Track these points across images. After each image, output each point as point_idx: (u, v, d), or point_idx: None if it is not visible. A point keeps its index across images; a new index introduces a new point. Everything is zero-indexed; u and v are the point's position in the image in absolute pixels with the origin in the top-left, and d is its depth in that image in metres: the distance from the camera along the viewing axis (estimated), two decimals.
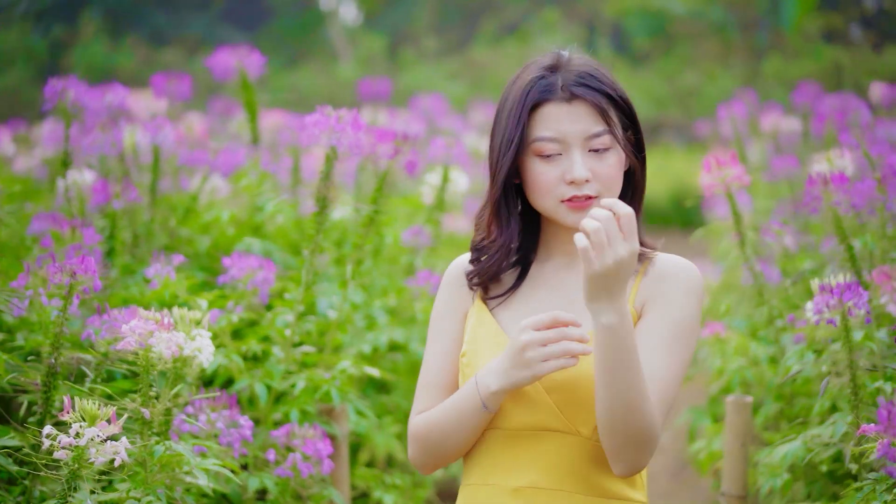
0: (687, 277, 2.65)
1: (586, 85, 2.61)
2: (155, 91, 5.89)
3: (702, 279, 2.68)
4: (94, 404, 2.79)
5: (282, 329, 3.97)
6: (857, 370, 3.34)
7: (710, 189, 4.31)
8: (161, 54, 17.80)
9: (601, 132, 2.61)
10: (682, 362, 2.60)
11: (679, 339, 2.60)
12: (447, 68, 17.64)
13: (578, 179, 2.60)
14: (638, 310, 2.64)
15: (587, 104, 2.61)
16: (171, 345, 3.10)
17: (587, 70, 2.64)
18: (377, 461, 4.51)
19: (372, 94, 7.72)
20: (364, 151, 3.91)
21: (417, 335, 4.69)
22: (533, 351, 2.46)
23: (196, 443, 3.30)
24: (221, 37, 18.74)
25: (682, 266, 2.67)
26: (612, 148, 2.62)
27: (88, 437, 2.74)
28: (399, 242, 5.22)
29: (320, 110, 3.85)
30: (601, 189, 2.62)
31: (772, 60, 16.44)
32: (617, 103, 2.65)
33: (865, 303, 3.29)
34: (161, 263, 3.84)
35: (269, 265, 3.98)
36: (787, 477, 3.89)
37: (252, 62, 5.31)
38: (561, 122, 2.61)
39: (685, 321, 2.61)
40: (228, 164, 5.09)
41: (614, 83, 2.66)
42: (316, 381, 3.85)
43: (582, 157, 2.60)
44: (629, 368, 2.44)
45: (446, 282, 2.81)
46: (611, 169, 2.63)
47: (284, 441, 3.63)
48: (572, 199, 2.62)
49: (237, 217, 4.97)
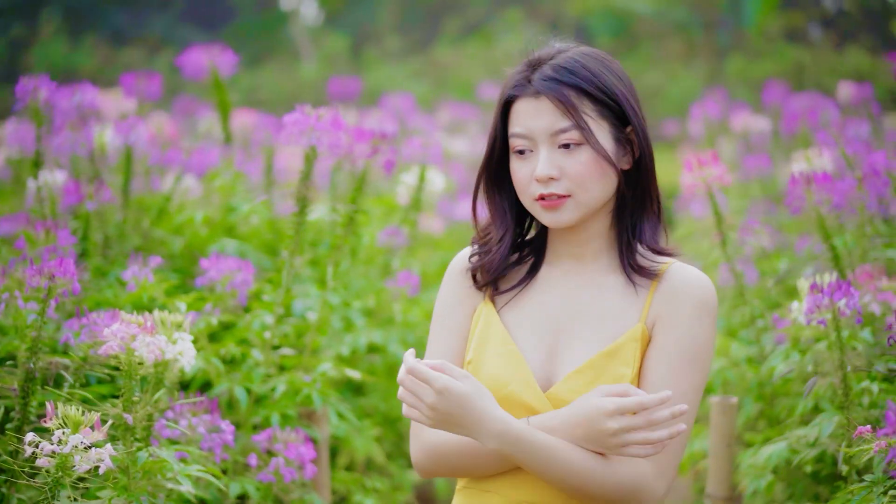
0: (701, 295, 2.56)
1: (555, 79, 2.54)
2: (124, 90, 5.80)
3: (715, 294, 2.59)
4: (78, 410, 2.73)
5: (260, 331, 3.92)
6: (846, 371, 3.31)
7: (692, 189, 4.29)
8: (121, 54, 17.63)
9: (567, 127, 2.53)
10: (696, 387, 2.52)
11: (692, 362, 2.52)
12: (410, 68, 17.58)
13: (540, 177, 2.55)
14: (649, 328, 2.56)
15: (552, 99, 2.54)
16: (153, 349, 3.04)
17: (564, 63, 2.57)
18: (356, 465, 4.45)
19: (341, 93, 7.67)
20: (344, 151, 3.86)
21: (396, 337, 4.64)
22: (618, 438, 2.41)
23: (177, 448, 3.23)
24: (182, 37, 18.61)
25: (697, 282, 2.58)
26: (586, 144, 2.54)
27: (73, 444, 2.68)
28: (375, 243, 5.17)
29: (300, 109, 3.80)
30: (572, 187, 2.55)
31: (734, 60, 16.48)
32: (594, 97, 2.56)
33: (857, 303, 3.27)
34: (138, 266, 3.77)
35: (247, 267, 3.92)
36: (771, 478, 3.87)
37: (224, 61, 5.24)
38: (529, 117, 2.56)
39: (698, 343, 2.54)
40: (202, 165, 5.02)
41: (596, 76, 2.57)
42: (296, 385, 3.79)
43: (549, 154, 2.54)
44: (549, 464, 2.41)
45: (453, 272, 2.73)
46: (581, 166, 2.54)
47: (266, 445, 3.58)
48: (542, 197, 2.57)
49: (211, 218, 4.90)
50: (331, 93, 7.57)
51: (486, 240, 2.69)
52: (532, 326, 2.63)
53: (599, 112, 2.57)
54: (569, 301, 2.63)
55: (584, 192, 2.56)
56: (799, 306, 3.54)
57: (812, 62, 15.95)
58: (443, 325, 2.70)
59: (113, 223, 4.74)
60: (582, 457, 2.44)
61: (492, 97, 9.96)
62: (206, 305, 3.92)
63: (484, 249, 2.69)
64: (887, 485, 2.72)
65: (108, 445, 2.72)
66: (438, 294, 2.76)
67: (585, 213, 2.59)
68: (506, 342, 2.60)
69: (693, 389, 2.51)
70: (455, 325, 2.69)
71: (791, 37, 18.11)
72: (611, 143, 2.58)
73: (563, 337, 2.60)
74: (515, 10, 18.63)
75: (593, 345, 2.56)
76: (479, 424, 2.42)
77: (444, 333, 2.69)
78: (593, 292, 2.63)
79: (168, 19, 19.68)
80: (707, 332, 2.54)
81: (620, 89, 2.60)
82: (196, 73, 5.29)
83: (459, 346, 2.67)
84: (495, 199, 2.70)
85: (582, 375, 2.53)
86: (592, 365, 2.54)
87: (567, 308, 2.63)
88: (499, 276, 2.68)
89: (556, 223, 2.59)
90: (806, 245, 5.45)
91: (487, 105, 10.00)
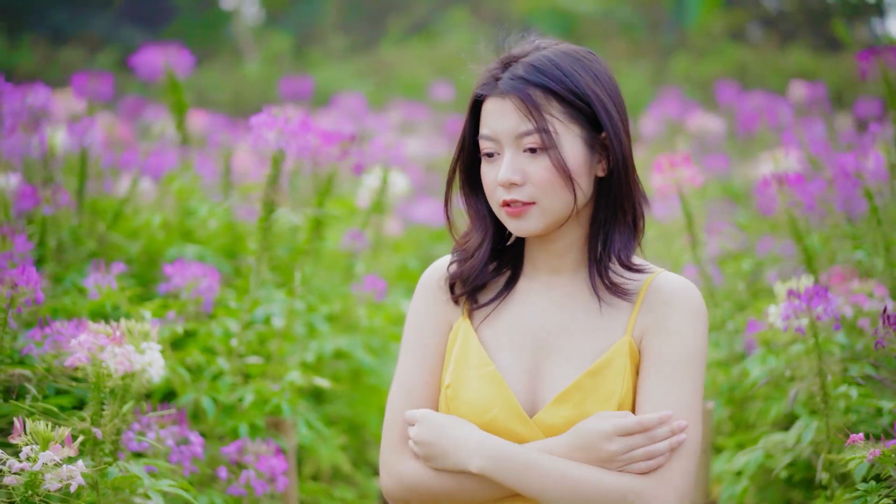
0: (689, 300, 2.46)
1: (523, 78, 2.42)
2: (74, 91, 5.66)
3: (703, 300, 2.50)
4: (47, 426, 2.62)
5: (225, 339, 3.82)
6: (826, 378, 3.27)
7: (663, 190, 4.24)
8: (61, 53, 17.35)
9: (530, 130, 2.41)
10: (696, 393, 2.43)
11: (689, 369, 2.43)
12: (355, 67, 17.45)
13: (502, 181, 2.43)
14: (637, 340, 2.46)
15: (516, 100, 2.42)
16: (122, 360, 2.93)
17: (535, 62, 2.44)
18: (322, 474, 4.36)
19: (293, 93, 7.55)
20: (313, 154, 3.77)
21: (361, 342, 4.54)
22: (619, 459, 2.35)
23: (146, 462, 3.12)
24: (123, 36, 18.35)
25: (685, 290, 2.47)
26: (551, 148, 2.40)
27: (43, 461, 2.56)
28: (335, 247, 5.07)
29: (267, 111, 3.70)
30: (536, 194, 2.43)
31: (679, 60, 16.52)
32: (563, 98, 2.42)
33: (834, 309, 3.23)
34: (100, 273, 3.65)
35: (212, 273, 3.81)
36: (746, 483, 3.82)
37: (180, 61, 5.12)
38: (494, 119, 2.45)
39: (693, 350, 2.44)
40: (159, 167, 4.89)
41: (567, 76, 2.43)
42: (265, 394, 3.70)
43: (513, 158, 2.43)
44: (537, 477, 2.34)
45: (427, 286, 2.61)
46: (545, 172, 2.41)
47: (236, 457, 3.48)
48: (506, 203, 2.45)
49: (168, 222, 4.77)
50: (283, 92, 7.44)
51: (466, 246, 2.59)
52: (512, 344, 2.51)
53: (569, 115, 2.43)
54: (549, 316, 2.51)
55: (548, 199, 2.43)
56: (776, 310, 3.50)
57: (755, 62, 16.04)
58: (416, 344, 2.57)
59: (68, 228, 4.60)
60: (573, 466, 2.36)
61: (444, 98, 9.89)
62: (167, 313, 3.81)
63: (463, 256, 2.58)
64: (882, 493, 2.67)
65: (79, 462, 2.61)
66: (410, 309, 2.64)
67: (553, 222, 2.46)
68: (484, 363, 2.48)
69: (693, 396, 2.42)
70: (430, 343, 2.57)
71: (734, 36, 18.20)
72: (581, 148, 2.44)
73: (545, 355, 2.48)
74: (460, 9, 18.57)
75: (578, 363, 2.45)
76: (459, 445, 2.37)
77: (418, 353, 2.56)
78: (575, 306, 2.51)
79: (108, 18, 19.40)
80: (700, 339, 2.45)
81: (595, 91, 2.45)
82: (151, 74, 5.16)
83: (436, 366, 2.55)
84: (472, 202, 2.59)
85: (570, 398, 2.42)
86: (578, 386, 2.43)
87: (548, 324, 2.50)
88: (478, 288, 2.57)
89: (521, 231, 2.47)
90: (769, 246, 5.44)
91: (439, 106, 9.92)
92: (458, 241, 2.61)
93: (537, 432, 2.42)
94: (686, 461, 2.38)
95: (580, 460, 2.36)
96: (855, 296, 3.84)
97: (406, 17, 19.31)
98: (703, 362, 2.46)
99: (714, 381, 4.36)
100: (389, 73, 16.99)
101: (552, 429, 2.41)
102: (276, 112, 3.67)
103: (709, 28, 17.88)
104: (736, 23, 18.66)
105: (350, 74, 16.80)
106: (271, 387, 3.72)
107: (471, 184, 2.59)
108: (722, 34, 17.95)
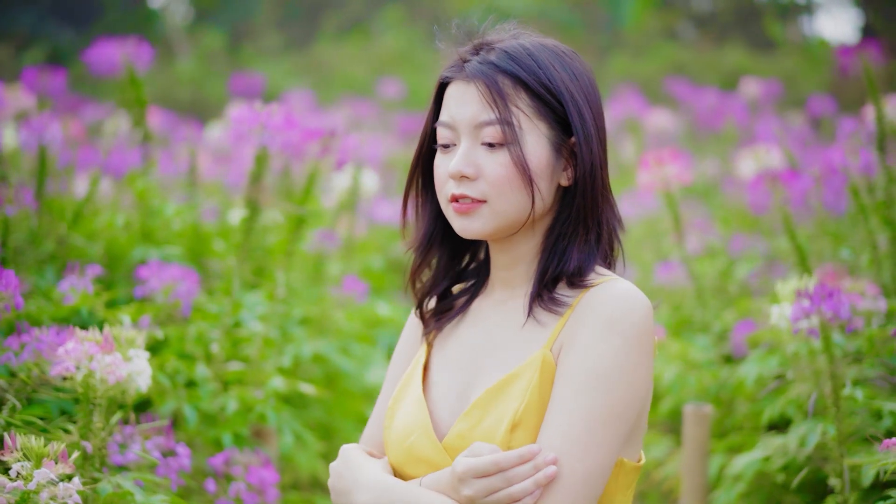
0: (612, 312, 2.12)
1: (493, 63, 2.20)
2: (25, 87, 5.45)
3: (642, 311, 2.14)
4: (39, 441, 2.45)
5: (201, 343, 3.65)
6: (838, 379, 3.17)
7: (649, 188, 4.14)
8: None
9: (491, 120, 2.18)
10: (602, 414, 2.09)
11: (596, 385, 2.10)
12: (290, 65, 17.23)
13: (453, 173, 2.20)
14: (556, 353, 2.18)
15: (481, 85, 2.19)
16: (113, 368, 2.76)
17: (509, 48, 2.22)
18: (301, 483, 4.20)
19: (244, 89, 7.38)
20: (295, 150, 3.61)
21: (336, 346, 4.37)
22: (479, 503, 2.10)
23: (135, 476, 2.95)
24: (50, 32, 17.99)
25: (611, 299, 2.14)
26: (512, 143, 2.17)
27: (38, 479, 2.39)
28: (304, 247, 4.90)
29: (248, 106, 3.54)
30: (488, 191, 2.20)
31: (616, 59, 16.52)
32: (533, 91, 2.19)
33: (847, 310, 3.13)
34: (76, 276, 3.46)
35: (191, 276, 3.63)
36: (742, 487, 3.73)
37: (141, 55, 4.92)
38: (455, 104, 2.23)
39: (604, 364, 2.11)
40: (121, 166, 4.69)
41: (541, 68, 2.20)
42: (248, 402, 3.53)
43: (468, 149, 2.21)
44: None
45: (410, 317, 2.46)
46: (501, 168, 2.18)
47: (223, 469, 3.31)
48: (454, 198, 2.22)
49: (132, 222, 4.58)
50: (234, 89, 7.26)
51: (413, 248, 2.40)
52: (450, 366, 2.32)
53: (537, 110, 2.20)
54: (490, 335, 2.29)
55: (501, 199, 2.20)
56: (780, 311, 3.41)
57: (693, 60, 16.12)
58: (390, 374, 2.43)
59: (27, 229, 4.39)
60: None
61: (391, 97, 9.74)
62: (140, 317, 3.62)
63: (415, 264, 2.39)
64: None
65: (75, 479, 2.44)
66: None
67: (503, 226, 2.23)
68: (417, 387, 2.31)
69: (591, 419, 2.09)
70: (400, 374, 2.42)
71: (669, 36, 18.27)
72: (546, 149, 2.22)
73: (473, 374, 2.28)
74: (395, 7, 18.42)
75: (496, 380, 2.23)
76: (358, 481, 2.21)
77: (391, 383, 2.42)
78: (515, 323, 2.27)
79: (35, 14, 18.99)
80: (615, 353, 2.11)
81: (570, 89, 2.21)
82: (110, 69, 4.95)
83: None
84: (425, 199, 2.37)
85: (469, 417, 2.20)
86: (479, 404, 2.20)
87: (484, 342, 2.30)
88: (445, 311, 2.37)
89: (466, 231, 2.24)
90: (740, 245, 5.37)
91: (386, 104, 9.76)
92: (408, 244, 2.41)
93: (446, 458, 2.21)
94: (565, 497, 2.09)
95: (449, 498, 2.14)
96: (848, 295, 3.77)
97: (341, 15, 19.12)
98: (622, 382, 2.11)
99: (700, 382, 4.26)
100: (325, 71, 16.80)
101: (457, 451, 2.20)
102: (258, 107, 3.50)
103: (644, 27, 17.91)
104: (670, 22, 18.72)
105: (285, 72, 16.58)
106: (254, 394, 3.56)
107: (426, 179, 2.36)
108: (657, 33, 18.00)
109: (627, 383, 2.11)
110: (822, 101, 8.15)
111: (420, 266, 2.39)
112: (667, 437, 4.53)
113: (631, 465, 2.21)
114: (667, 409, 4.44)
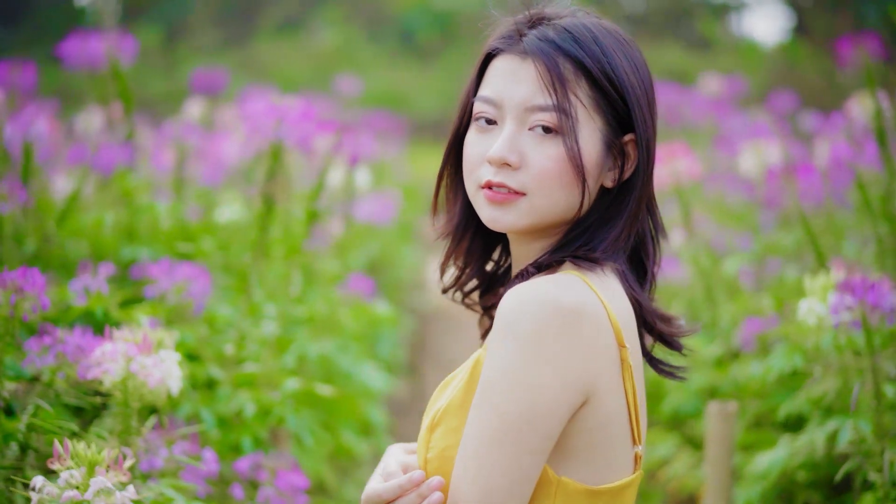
0: (508, 311, 1.91)
1: (554, 42, 1.98)
2: None
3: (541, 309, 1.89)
4: (90, 448, 2.32)
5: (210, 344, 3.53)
6: (882, 374, 3.13)
7: (660, 183, 4.09)
8: None
9: (546, 106, 1.96)
10: (489, 429, 1.88)
11: (485, 403, 1.90)
12: (227, 62, 17.01)
13: (493, 158, 1.97)
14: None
15: (541, 65, 1.97)
16: (152, 371, 2.64)
17: (571, 27, 2.00)
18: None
19: (206, 86, 7.22)
20: (310, 145, 3.51)
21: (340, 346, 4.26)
22: None
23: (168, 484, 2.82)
24: None
25: (510, 296, 1.92)
26: (567, 134, 1.96)
27: (95, 488, 2.26)
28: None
29: (264, 98, 3.43)
30: (530, 184, 1.97)
31: None
32: (595, 80, 1.98)
33: (892, 302, 3.09)
34: (89, 275, 3.32)
35: (204, 275, 3.50)
36: (766, 485, 3.68)
37: (125, 48, 4.77)
38: (504, 80, 2.00)
39: (492, 373, 1.90)
40: (108, 162, 4.53)
41: (606, 56, 1.98)
42: (266, 404, 3.41)
43: (513, 133, 1.97)
44: None
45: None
46: (548, 161, 1.96)
47: (249, 474, 3.18)
48: (487, 185, 1.99)
49: (120, 221, 4.43)
50: (196, 86, 7.09)
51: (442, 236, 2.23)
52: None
53: (596, 102, 1.98)
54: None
55: (542, 195, 1.98)
56: (809, 305, 3.36)
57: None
58: None
59: (11, 227, 4.23)
60: None
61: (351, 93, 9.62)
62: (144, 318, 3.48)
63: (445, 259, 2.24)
64: None
65: (130, 487, 2.32)
66: None
67: (538, 223, 2.03)
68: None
69: (486, 431, 1.89)
70: None
71: None
72: (598, 146, 2.00)
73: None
74: (333, 5, 18.28)
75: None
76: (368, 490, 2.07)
77: None
78: None
79: None
80: (509, 359, 1.89)
81: (632, 83, 2.00)
82: (92, 62, 4.79)
83: None
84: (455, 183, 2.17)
85: (422, 422, 2.09)
86: (430, 402, 2.10)
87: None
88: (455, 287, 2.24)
89: (496, 223, 2.02)
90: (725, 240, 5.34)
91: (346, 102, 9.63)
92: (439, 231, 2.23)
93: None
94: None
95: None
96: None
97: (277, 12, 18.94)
98: (516, 389, 1.88)
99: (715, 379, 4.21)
100: (262, 68, 16.63)
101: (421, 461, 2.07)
102: (275, 99, 3.39)
103: None
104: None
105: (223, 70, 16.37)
106: (271, 396, 3.44)
107: (461, 160, 2.12)
108: None
109: (525, 390, 1.87)
110: (784, 98, 8.18)
111: (451, 255, 2.22)
112: (671, 434, 4.47)
113: (579, 488, 1.96)
114: (669, 407, 4.40)
